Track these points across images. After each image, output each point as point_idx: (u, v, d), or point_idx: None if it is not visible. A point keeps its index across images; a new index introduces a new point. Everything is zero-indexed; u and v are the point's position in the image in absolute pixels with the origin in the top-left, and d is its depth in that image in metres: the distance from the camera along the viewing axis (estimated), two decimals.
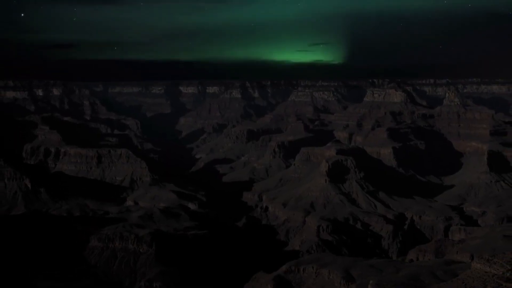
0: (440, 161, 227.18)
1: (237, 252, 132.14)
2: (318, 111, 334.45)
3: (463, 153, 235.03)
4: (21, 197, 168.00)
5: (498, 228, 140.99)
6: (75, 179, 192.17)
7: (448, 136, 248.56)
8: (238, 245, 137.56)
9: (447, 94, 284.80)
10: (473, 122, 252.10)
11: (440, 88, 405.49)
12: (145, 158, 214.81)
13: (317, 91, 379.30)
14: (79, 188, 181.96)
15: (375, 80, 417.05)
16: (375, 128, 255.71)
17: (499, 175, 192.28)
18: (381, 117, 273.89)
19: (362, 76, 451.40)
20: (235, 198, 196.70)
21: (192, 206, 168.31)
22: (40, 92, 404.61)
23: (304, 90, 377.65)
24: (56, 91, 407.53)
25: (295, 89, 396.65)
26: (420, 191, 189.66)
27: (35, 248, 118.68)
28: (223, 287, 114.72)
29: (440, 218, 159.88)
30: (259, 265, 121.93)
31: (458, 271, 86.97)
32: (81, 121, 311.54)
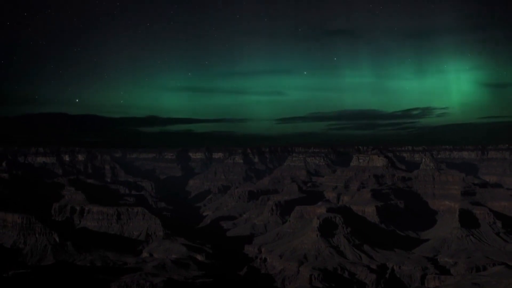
0: (418, 218, 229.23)
1: None
2: (310, 174, 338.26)
3: (437, 211, 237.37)
4: (50, 249, 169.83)
5: (468, 276, 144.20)
6: (98, 233, 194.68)
7: (424, 196, 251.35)
8: None
9: (423, 160, 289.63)
10: (446, 184, 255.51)
11: (417, 154, 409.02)
12: (159, 215, 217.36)
13: (310, 156, 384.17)
14: (101, 241, 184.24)
15: (360, 147, 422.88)
16: (360, 189, 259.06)
17: (469, 230, 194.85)
18: (365, 180, 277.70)
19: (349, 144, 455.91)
20: (238, 250, 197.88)
21: (200, 257, 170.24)
22: (66, 158, 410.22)
23: (298, 156, 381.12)
24: (80, 157, 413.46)
25: (290, 155, 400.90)
26: (400, 244, 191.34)
27: None
28: None
29: (417, 268, 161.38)
30: None
31: None
32: (102, 183, 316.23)
